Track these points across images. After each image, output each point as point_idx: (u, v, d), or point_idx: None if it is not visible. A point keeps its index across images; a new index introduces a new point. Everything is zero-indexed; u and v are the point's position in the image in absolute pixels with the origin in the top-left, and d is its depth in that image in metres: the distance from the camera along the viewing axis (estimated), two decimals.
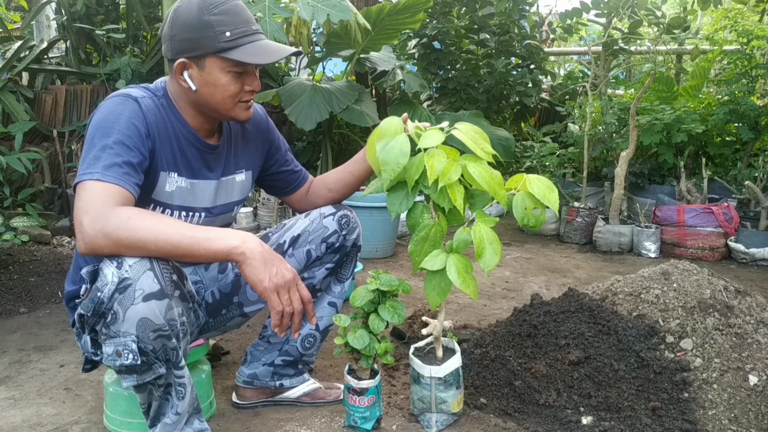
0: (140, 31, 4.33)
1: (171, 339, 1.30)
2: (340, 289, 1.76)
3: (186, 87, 1.42)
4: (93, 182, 1.26)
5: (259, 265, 1.25)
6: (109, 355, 1.28)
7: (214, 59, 1.38)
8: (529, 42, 5.15)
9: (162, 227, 1.23)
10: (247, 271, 1.25)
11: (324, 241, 1.66)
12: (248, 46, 1.39)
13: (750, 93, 4.20)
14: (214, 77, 1.40)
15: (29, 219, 3.38)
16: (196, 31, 1.36)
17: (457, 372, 1.61)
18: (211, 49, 1.37)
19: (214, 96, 1.42)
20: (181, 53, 1.39)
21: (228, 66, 1.39)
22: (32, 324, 2.47)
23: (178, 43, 1.39)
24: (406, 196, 1.44)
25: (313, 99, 3.62)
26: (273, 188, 1.78)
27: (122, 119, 1.34)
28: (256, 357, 1.78)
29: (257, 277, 1.24)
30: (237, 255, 1.24)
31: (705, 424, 1.58)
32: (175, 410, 1.38)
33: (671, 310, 1.82)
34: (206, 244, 1.22)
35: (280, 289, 1.27)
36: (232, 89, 1.42)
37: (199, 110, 1.47)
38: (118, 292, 1.23)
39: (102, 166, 1.27)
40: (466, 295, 2.51)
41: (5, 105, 3.71)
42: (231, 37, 1.37)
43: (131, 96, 1.39)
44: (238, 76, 1.41)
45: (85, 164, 1.29)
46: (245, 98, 1.45)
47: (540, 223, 1.44)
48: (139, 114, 1.37)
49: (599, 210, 4.02)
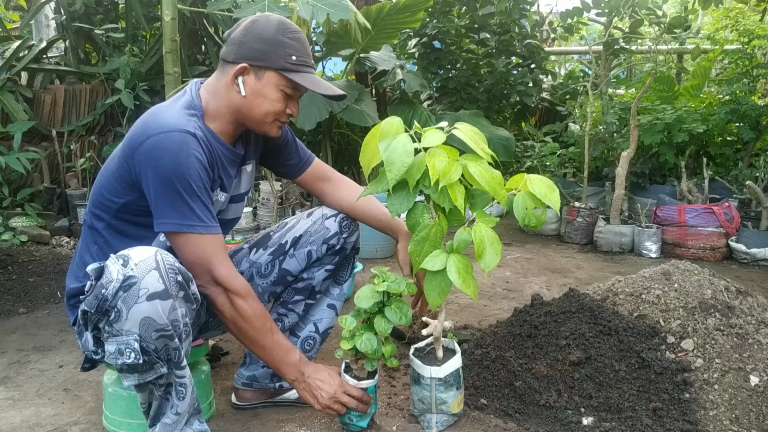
0: (139, 30, 4.32)
1: (173, 339, 1.30)
2: (339, 291, 1.77)
3: (235, 91, 1.46)
4: (197, 236, 1.39)
5: (306, 395, 1.54)
6: (111, 353, 1.29)
7: (275, 75, 1.45)
8: (529, 41, 5.14)
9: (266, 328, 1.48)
10: (301, 396, 1.56)
11: (325, 243, 1.68)
12: (306, 75, 1.48)
13: (751, 93, 4.20)
14: (267, 90, 1.46)
15: (28, 219, 3.37)
16: (268, 44, 1.44)
17: (457, 372, 1.61)
18: (276, 65, 1.44)
19: (261, 108, 1.47)
20: (245, 59, 1.44)
21: (283, 85, 1.47)
22: (31, 324, 2.47)
23: (246, 50, 1.44)
24: (406, 196, 1.44)
25: (313, 99, 3.61)
26: (278, 172, 1.80)
27: (194, 165, 1.38)
28: (254, 359, 1.77)
29: (307, 401, 1.55)
30: (290, 383, 1.56)
31: (706, 425, 1.57)
32: (175, 410, 1.38)
33: (672, 310, 1.82)
34: (279, 364, 1.51)
35: (327, 408, 1.53)
36: (278, 107, 1.48)
37: (235, 117, 1.50)
38: (122, 290, 1.24)
39: (197, 217, 1.38)
40: (466, 296, 2.50)
41: (4, 105, 3.70)
42: (296, 61, 1.45)
43: (189, 132, 1.39)
44: (287, 98, 1.49)
45: (179, 212, 1.37)
46: (282, 119, 1.52)
47: (541, 223, 1.43)
48: (202, 153, 1.41)
49: (600, 210, 4.01)
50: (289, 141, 1.74)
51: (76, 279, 1.55)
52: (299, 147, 1.76)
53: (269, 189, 3.74)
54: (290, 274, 1.70)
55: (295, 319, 1.76)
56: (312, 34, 4.19)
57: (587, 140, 4.08)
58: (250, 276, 1.69)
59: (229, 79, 1.46)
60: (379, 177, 1.44)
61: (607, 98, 4.46)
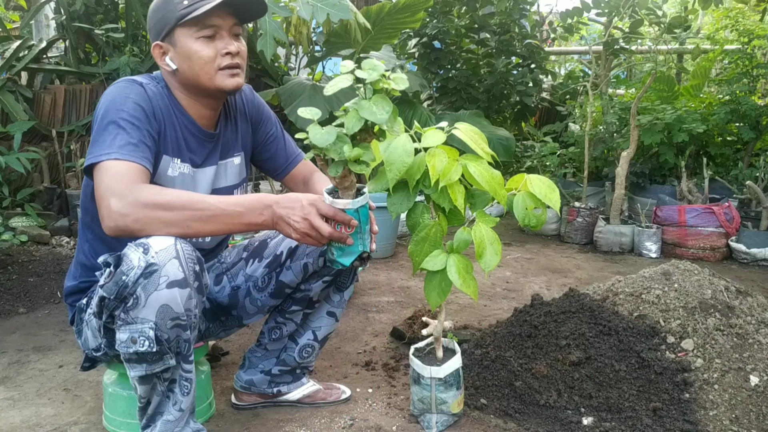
0: (139, 30, 4.32)
1: (186, 330, 1.30)
2: (339, 299, 1.70)
3: (170, 71, 1.45)
4: (112, 162, 1.28)
5: (283, 227, 1.33)
6: (123, 341, 1.29)
7: (180, 30, 1.41)
8: (529, 41, 5.14)
9: (195, 198, 1.30)
10: (281, 232, 1.36)
11: (322, 255, 1.58)
12: (206, 4, 1.38)
13: (751, 93, 4.20)
14: (186, 48, 1.41)
15: (28, 219, 3.37)
16: (159, 12, 1.43)
17: (457, 372, 1.61)
18: (173, 21, 1.40)
19: (193, 68, 1.42)
20: (155, 39, 1.44)
21: (194, 31, 1.40)
22: (31, 324, 2.47)
23: (152, 34, 1.45)
24: (406, 196, 1.44)
25: (313, 98, 3.61)
26: (263, 169, 1.76)
27: (129, 101, 1.37)
28: (253, 363, 1.76)
29: (287, 236, 1.35)
30: (268, 226, 1.34)
31: (706, 425, 1.57)
32: (179, 407, 1.37)
33: (672, 310, 1.82)
34: (239, 217, 1.31)
35: (305, 236, 1.33)
36: (206, 54, 1.41)
37: (192, 95, 1.48)
38: (143, 277, 1.24)
39: (117, 145, 1.30)
40: (466, 296, 2.50)
41: (4, 105, 3.70)
42: (188, 4, 1.39)
43: (136, 81, 1.43)
44: (209, 41, 1.42)
45: (98, 145, 1.31)
46: (224, 63, 1.43)
47: (541, 223, 1.43)
48: (145, 97, 1.40)
49: (600, 210, 4.01)
50: (278, 137, 1.70)
51: (72, 277, 1.56)
52: (288, 145, 1.72)
53: (269, 189, 3.74)
54: (288, 286, 1.62)
55: (293, 327, 1.70)
56: (312, 34, 4.18)
57: (587, 140, 4.08)
58: (247, 290, 1.62)
59: (160, 66, 1.46)
60: (378, 176, 1.43)
61: (607, 98, 4.46)
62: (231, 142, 1.61)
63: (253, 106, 1.67)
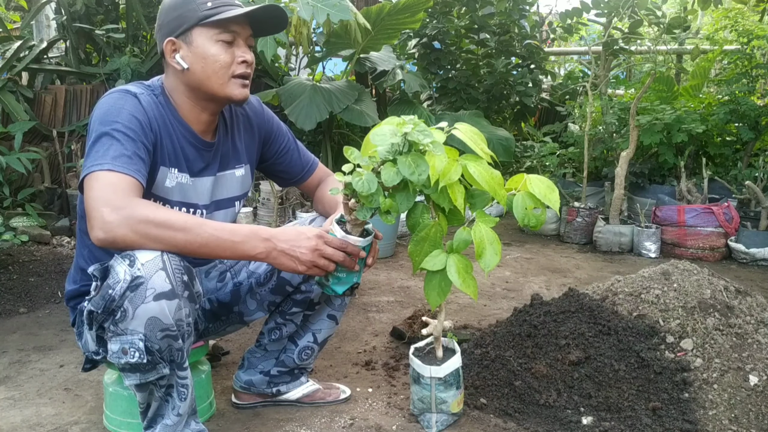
0: (140, 30, 4.33)
1: (177, 339, 1.30)
2: (340, 302, 1.70)
3: (179, 69, 1.42)
4: (104, 173, 1.26)
5: (286, 261, 1.33)
6: (115, 352, 1.28)
7: (200, 30, 1.39)
8: (529, 42, 5.14)
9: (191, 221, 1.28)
10: (280, 268, 1.35)
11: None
12: (231, 9, 1.39)
13: (750, 93, 4.20)
14: (203, 49, 1.39)
15: (29, 219, 3.37)
16: (179, 8, 1.39)
17: (457, 372, 1.61)
18: (194, 20, 1.38)
19: (206, 70, 1.41)
20: (168, 36, 1.41)
21: (215, 34, 1.39)
22: (32, 324, 2.47)
23: (165, 29, 1.42)
24: (406, 196, 1.44)
25: (313, 99, 3.61)
26: (278, 179, 1.77)
27: (124, 113, 1.35)
28: (252, 364, 1.76)
29: (290, 269, 1.34)
30: (262, 259, 1.33)
31: (705, 425, 1.58)
32: (176, 411, 1.38)
33: (671, 310, 1.82)
34: (232, 248, 1.30)
35: (313, 267, 1.33)
36: (223, 59, 1.40)
37: (196, 98, 1.46)
38: (129, 290, 1.23)
39: (111, 157, 1.28)
40: (466, 295, 2.50)
41: (5, 105, 3.71)
42: (213, 6, 1.38)
43: (130, 92, 1.40)
44: (228, 46, 1.41)
45: (92, 157, 1.29)
46: (239, 71, 1.43)
47: (541, 223, 1.44)
48: (139, 108, 1.38)
49: (599, 210, 4.02)
50: (291, 149, 1.69)
51: (72, 281, 1.55)
52: (302, 154, 1.72)
53: (269, 189, 3.74)
54: (289, 284, 1.62)
55: (293, 328, 1.70)
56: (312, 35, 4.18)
57: (587, 140, 4.08)
58: (249, 286, 1.63)
59: (169, 63, 1.43)
60: None
61: (606, 98, 4.46)
62: (231, 154, 1.59)
63: (263, 120, 1.66)
